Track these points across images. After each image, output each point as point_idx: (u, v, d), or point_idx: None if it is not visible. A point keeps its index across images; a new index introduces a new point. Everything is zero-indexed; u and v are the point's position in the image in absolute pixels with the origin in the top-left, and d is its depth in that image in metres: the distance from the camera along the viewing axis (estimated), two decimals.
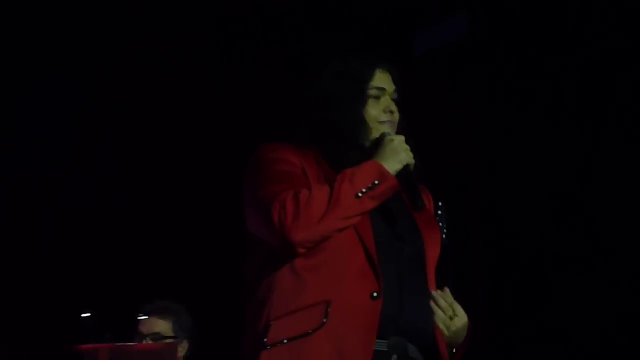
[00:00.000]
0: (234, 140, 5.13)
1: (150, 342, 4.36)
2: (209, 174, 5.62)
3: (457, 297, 2.83)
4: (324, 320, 2.69)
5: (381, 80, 2.97)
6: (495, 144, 5.31)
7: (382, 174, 2.79)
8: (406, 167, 2.85)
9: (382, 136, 2.90)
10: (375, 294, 2.73)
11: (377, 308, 2.72)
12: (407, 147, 2.86)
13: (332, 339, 2.68)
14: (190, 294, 4.93)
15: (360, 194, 2.75)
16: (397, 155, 2.83)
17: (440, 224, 3.00)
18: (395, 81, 3.01)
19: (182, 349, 4.44)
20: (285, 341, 2.69)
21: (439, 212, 3.04)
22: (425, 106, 5.15)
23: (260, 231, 2.81)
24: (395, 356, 2.76)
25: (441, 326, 2.79)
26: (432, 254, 2.94)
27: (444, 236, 2.99)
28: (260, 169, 2.85)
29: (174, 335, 4.41)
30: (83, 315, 4.23)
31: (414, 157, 2.87)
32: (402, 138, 2.89)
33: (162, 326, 4.41)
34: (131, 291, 5.27)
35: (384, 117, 2.94)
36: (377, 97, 2.96)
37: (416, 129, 3.00)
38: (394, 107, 2.96)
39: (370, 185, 2.76)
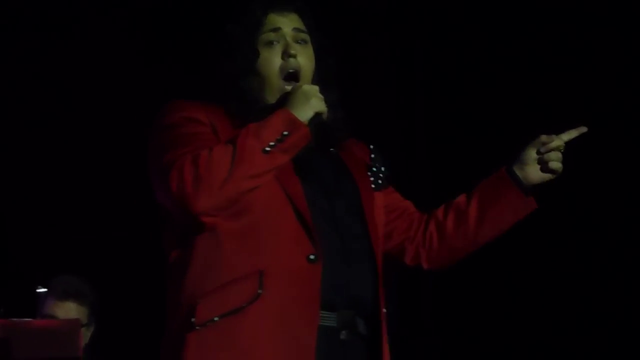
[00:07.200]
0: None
1: None
2: (115, 136, 5.14)
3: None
4: (259, 291, 2.49)
5: (277, 21, 2.72)
6: (443, 93, 4.96)
7: (292, 122, 2.55)
8: (318, 115, 2.60)
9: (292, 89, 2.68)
10: (312, 257, 2.53)
11: (316, 273, 2.53)
12: (320, 95, 2.62)
13: (271, 312, 2.50)
14: (94, 267, 4.63)
15: (268, 148, 2.51)
16: (308, 102, 2.59)
17: (374, 169, 2.79)
18: (304, 22, 2.75)
19: (89, 331, 4.24)
20: (216, 319, 2.48)
21: (372, 155, 2.81)
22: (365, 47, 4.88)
23: (165, 202, 2.57)
24: (344, 332, 2.59)
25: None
26: (368, 201, 2.74)
27: (380, 181, 2.77)
28: (162, 132, 2.65)
29: (88, 321, 4.21)
30: None
31: (337, 106, 2.70)
32: (314, 87, 2.63)
33: (81, 313, 4.18)
34: (28, 260, 4.94)
35: (284, 65, 2.69)
36: (272, 43, 2.70)
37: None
38: (293, 50, 2.70)
39: (279, 137, 2.52)
